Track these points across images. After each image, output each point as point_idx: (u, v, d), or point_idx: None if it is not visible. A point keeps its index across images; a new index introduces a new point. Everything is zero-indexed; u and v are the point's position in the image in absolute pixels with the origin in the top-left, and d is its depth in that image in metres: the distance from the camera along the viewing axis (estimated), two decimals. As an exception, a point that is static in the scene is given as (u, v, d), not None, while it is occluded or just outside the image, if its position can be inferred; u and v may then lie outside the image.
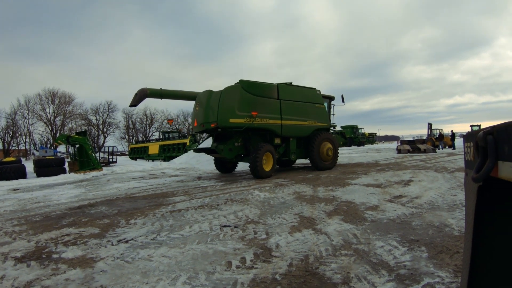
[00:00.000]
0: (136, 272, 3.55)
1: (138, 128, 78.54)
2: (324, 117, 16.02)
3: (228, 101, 12.69)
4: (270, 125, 13.74)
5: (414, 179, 10.52)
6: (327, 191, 8.77)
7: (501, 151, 0.99)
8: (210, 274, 3.43)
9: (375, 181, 10.38)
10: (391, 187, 9.04)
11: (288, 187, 9.78)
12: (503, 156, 0.98)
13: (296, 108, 14.78)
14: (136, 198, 8.63)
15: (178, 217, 6.20)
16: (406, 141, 35.69)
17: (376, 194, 8.06)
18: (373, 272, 3.39)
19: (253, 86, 13.53)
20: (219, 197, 8.34)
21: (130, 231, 5.31)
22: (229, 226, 5.40)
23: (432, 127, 41.78)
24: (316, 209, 6.54)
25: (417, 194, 7.87)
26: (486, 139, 1.05)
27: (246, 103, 13.05)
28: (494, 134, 1.03)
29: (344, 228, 5.07)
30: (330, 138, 15.80)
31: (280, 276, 3.33)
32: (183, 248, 4.31)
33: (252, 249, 4.19)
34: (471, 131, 1.33)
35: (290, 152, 15.06)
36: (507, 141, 0.94)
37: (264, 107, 13.57)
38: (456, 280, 3.16)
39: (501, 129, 0.99)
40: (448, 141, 39.47)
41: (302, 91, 15.37)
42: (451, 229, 4.88)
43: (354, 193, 8.31)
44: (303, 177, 12.31)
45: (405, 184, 9.51)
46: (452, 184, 9.12)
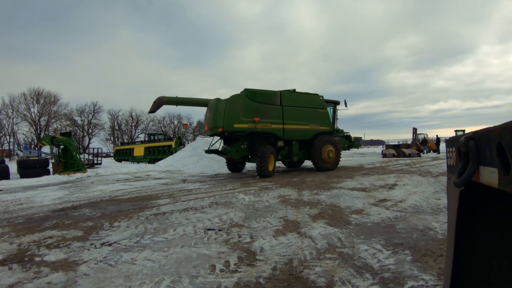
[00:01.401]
0: (119, 276, 3.49)
1: (123, 130, 78.11)
2: (326, 121, 16.98)
3: (233, 108, 14.29)
4: (272, 129, 15.11)
5: (398, 183, 10.60)
6: (312, 194, 8.78)
7: (482, 156, 0.98)
8: (193, 278, 3.39)
9: (360, 185, 10.43)
10: (376, 191, 9.08)
11: (273, 190, 9.78)
12: (485, 161, 0.97)
13: (298, 113, 15.95)
14: (120, 201, 8.54)
15: (162, 220, 6.14)
16: (391, 146, 36.04)
17: (361, 197, 8.09)
18: (357, 275, 3.38)
19: (257, 94, 14.94)
20: (203, 200, 8.29)
21: (113, 234, 5.25)
22: (213, 229, 5.36)
23: (417, 132, 42.20)
24: (301, 212, 6.54)
25: (401, 198, 7.91)
26: (468, 144, 1.05)
27: (249, 110, 14.49)
28: (476, 140, 1.03)
29: (328, 232, 5.06)
30: (331, 141, 16.79)
31: (264, 279, 3.31)
32: (167, 252, 4.26)
33: (236, 253, 4.16)
34: (453, 136, 1.32)
35: (292, 154, 16.22)
36: (489, 147, 0.93)
37: (267, 113, 14.94)
38: (439, 283, 3.16)
39: (482, 134, 0.98)
40: (433, 145, 39.88)
41: (304, 97, 16.51)
42: (435, 233, 4.90)
43: (339, 196, 8.33)
44: (288, 181, 12.33)
45: (390, 188, 9.56)
46: (436, 188, 9.20)
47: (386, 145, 37.90)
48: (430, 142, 40.88)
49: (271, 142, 15.73)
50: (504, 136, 0.82)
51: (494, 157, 0.88)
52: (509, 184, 0.81)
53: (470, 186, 1.13)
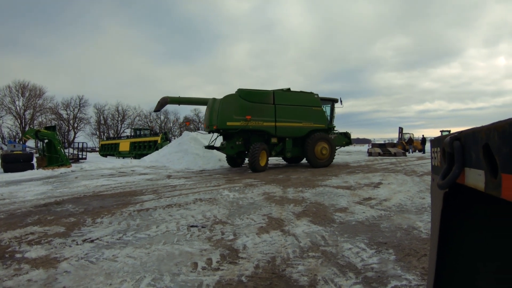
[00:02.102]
0: (100, 273, 3.43)
1: (109, 124, 77.32)
2: (321, 119, 17.57)
3: (226, 107, 15.43)
4: (264, 127, 16.14)
5: (383, 182, 10.64)
6: (297, 192, 8.77)
7: (468, 158, 0.95)
8: (175, 275, 3.34)
9: (345, 183, 10.45)
10: (360, 189, 9.10)
11: (258, 187, 9.76)
12: (470, 163, 0.94)
13: (292, 111, 16.75)
14: (103, 196, 8.45)
15: (146, 216, 6.07)
16: (377, 144, 36.19)
17: (345, 196, 8.10)
18: (340, 274, 3.36)
19: (249, 94, 16.12)
20: (188, 196, 8.24)
21: (95, 230, 5.17)
22: (196, 226, 5.32)
23: (403, 131, 42.50)
24: (285, 210, 6.52)
25: (386, 196, 7.93)
26: (453, 145, 1.01)
27: (242, 109, 15.59)
28: (461, 140, 0.99)
29: (312, 230, 5.05)
30: (325, 138, 17.35)
31: (246, 278, 3.27)
32: (149, 249, 4.21)
33: (218, 250, 4.12)
34: (438, 136, 1.29)
35: (286, 151, 17.04)
36: (475, 148, 0.90)
37: (259, 111, 15.97)
38: (423, 283, 3.16)
39: (468, 134, 0.95)
40: (418, 145, 40.19)
41: (299, 95, 17.29)
42: (419, 232, 4.92)
43: (323, 194, 8.33)
44: (273, 178, 12.33)
45: (375, 187, 9.59)
46: (421, 188, 9.25)
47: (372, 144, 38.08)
48: (415, 141, 41.19)
49: (265, 139, 16.62)
50: (492, 137, 0.79)
51: (481, 159, 0.85)
52: (497, 188, 0.77)
53: (455, 188, 1.10)
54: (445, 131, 43.57)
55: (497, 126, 0.77)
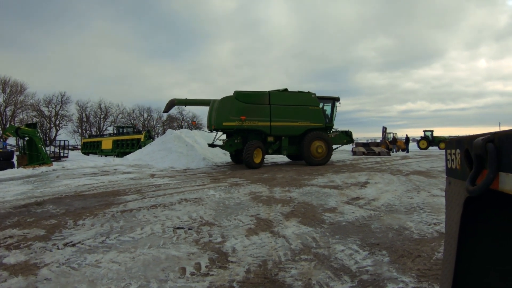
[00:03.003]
0: (83, 280, 3.24)
1: (92, 122, 76.04)
2: (318, 117, 18.01)
3: (223, 108, 16.64)
4: (259, 126, 17.02)
5: (370, 181, 10.62)
6: (284, 192, 8.68)
7: (505, 161, 0.87)
8: (162, 282, 3.18)
9: (331, 183, 10.40)
10: (348, 189, 9.04)
11: (244, 187, 9.64)
12: (509, 167, 0.86)
13: (287, 111, 17.45)
14: (85, 196, 8.22)
15: (129, 217, 5.89)
16: (361, 144, 36.48)
17: (333, 195, 8.03)
18: (335, 278, 3.26)
19: (245, 95, 17.04)
20: (172, 196, 8.07)
21: (77, 233, 4.97)
22: (182, 228, 5.15)
23: (386, 131, 42.90)
24: (273, 210, 6.41)
25: (374, 196, 7.88)
26: (486, 147, 0.93)
27: (237, 110, 16.60)
28: (495, 142, 0.91)
29: (302, 231, 4.95)
30: (322, 137, 17.84)
31: (237, 284, 3.13)
32: (134, 253, 4.03)
33: (207, 254, 3.97)
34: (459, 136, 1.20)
35: (282, 149, 17.88)
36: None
37: (254, 112, 16.89)
38: (419, 285, 3.08)
39: (506, 136, 0.87)
40: (402, 144, 40.55)
41: (295, 95, 17.97)
42: (410, 232, 4.85)
43: (311, 194, 8.25)
44: (259, 177, 12.23)
45: (362, 186, 9.55)
46: (408, 187, 9.23)
47: (356, 143, 38.24)
48: (399, 141, 41.58)
49: (261, 138, 17.50)
50: None
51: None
52: None
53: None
54: (428, 131, 44.38)
55: None
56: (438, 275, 3.28)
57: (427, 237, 4.62)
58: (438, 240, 4.45)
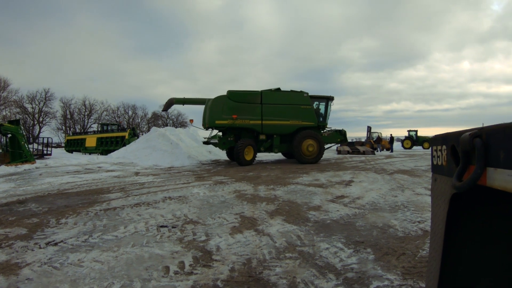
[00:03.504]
0: (65, 280, 3.18)
1: (76, 119, 75.07)
2: (310, 116, 18.37)
3: (215, 108, 17.24)
4: (251, 124, 17.61)
5: (354, 180, 10.66)
6: (268, 190, 8.67)
7: (493, 157, 0.87)
8: (146, 281, 3.13)
9: (316, 181, 10.43)
10: (332, 187, 9.07)
11: (228, 185, 9.62)
12: (497, 163, 0.85)
13: (279, 110, 17.92)
14: (69, 195, 8.10)
15: (113, 216, 5.81)
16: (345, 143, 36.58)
17: (318, 194, 8.04)
18: (320, 276, 3.25)
19: (237, 95, 17.63)
20: (156, 194, 8.01)
21: (60, 232, 4.88)
22: (166, 226, 5.10)
23: (371, 130, 43.22)
24: (258, 208, 6.40)
25: (358, 194, 7.90)
26: (474, 143, 0.93)
27: (229, 109, 17.21)
28: (483, 137, 0.91)
29: (287, 229, 4.93)
30: (313, 135, 18.13)
31: (222, 282, 3.10)
32: (117, 252, 3.97)
33: (191, 252, 3.93)
34: (445, 133, 1.18)
35: (273, 147, 18.47)
36: (505, 146, 0.81)
37: (246, 111, 17.48)
38: (405, 283, 3.09)
39: (494, 131, 0.87)
40: (386, 144, 40.83)
41: (287, 95, 18.38)
42: (395, 230, 4.87)
43: (295, 192, 8.26)
44: (243, 175, 12.23)
45: (346, 185, 9.58)
46: (392, 186, 9.29)
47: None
48: (384, 140, 41.86)
49: (254, 136, 18.16)
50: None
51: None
52: None
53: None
54: (412, 130, 44.90)
55: None
56: (422, 273, 3.29)
57: (412, 235, 4.65)
58: (422, 238, 4.48)
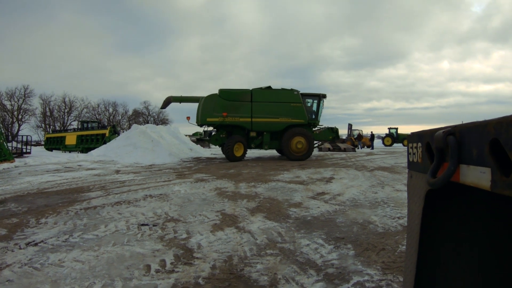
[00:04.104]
0: (46, 281, 3.14)
1: (55, 116, 73.65)
2: (299, 114, 18.66)
3: (207, 105, 18.07)
4: (241, 122, 18.21)
5: (335, 177, 10.75)
6: (249, 187, 8.70)
7: (465, 154, 0.89)
8: (127, 280, 3.12)
9: (297, 178, 10.49)
10: (313, 184, 9.14)
11: (209, 182, 9.61)
12: (469, 160, 0.87)
13: (269, 107, 18.39)
14: (48, 194, 7.99)
15: (93, 215, 5.76)
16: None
17: (298, 191, 8.09)
18: (301, 272, 3.29)
19: (228, 93, 18.38)
20: (137, 192, 7.96)
21: (40, 231, 4.80)
22: (147, 224, 5.08)
23: (352, 128, 43.57)
24: (239, 206, 6.42)
25: (339, 191, 7.98)
26: (447, 140, 0.95)
27: (220, 106, 17.94)
28: (456, 135, 0.93)
29: (268, 226, 4.97)
30: (302, 133, 18.44)
31: (203, 280, 3.11)
32: (98, 251, 3.94)
33: (172, 250, 3.93)
34: (421, 130, 1.21)
35: (263, 144, 18.97)
36: (477, 143, 0.83)
37: (236, 108, 18.10)
38: (384, 278, 3.15)
39: (467, 129, 0.89)
40: (367, 141, 41.25)
41: (277, 93, 18.91)
42: (375, 226, 4.94)
43: (276, 189, 8.30)
44: (224, 173, 12.23)
45: (327, 181, 9.65)
46: (373, 182, 9.40)
47: (322, 139, 38.68)
48: (364, 138, 42.26)
49: (245, 133, 18.74)
50: (505, 132, 0.71)
51: (486, 155, 0.78)
52: (510, 187, 0.70)
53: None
54: (392, 128, 45.49)
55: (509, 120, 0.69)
56: (402, 267, 3.34)
57: (391, 231, 4.72)
58: (402, 234, 4.55)
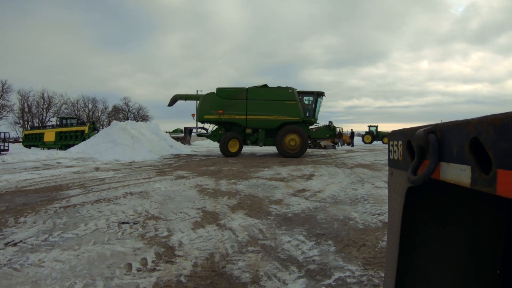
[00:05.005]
0: (26, 282, 3.09)
1: (34, 113, 72.27)
2: (294, 112, 18.99)
3: (204, 103, 19.33)
4: (236, 119, 19.10)
5: (315, 174, 10.83)
6: (230, 184, 8.71)
7: (446, 152, 0.90)
8: (108, 279, 3.09)
9: (277, 175, 10.53)
10: (294, 181, 9.19)
11: (190, 179, 9.59)
12: (450, 158, 0.88)
13: (263, 105, 18.97)
14: (27, 192, 7.84)
15: (73, 213, 5.69)
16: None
17: (279, 188, 8.13)
18: (283, 268, 3.31)
19: (225, 91, 19.34)
20: (117, 190, 7.89)
21: (19, 231, 4.71)
22: (128, 222, 5.05)
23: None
24: (219, 203, 6.42)
25: (319, 188, 8.04)
26: (428, 138, 0.96)
27: (217, 104, 18.99)
28: (437, 133, 0.94)
29: (249, 223, 4.99)
30: (295, 130, 18.68)
31: (185, 278, 3.11)
32: (78, 250, 3.89)
33: (153, 249, 3.91)
34: (402, 128, 1.23)
35: (258, 140, 19.55)
36: (457, 141, 0.85)
37: (232, 106, 19.00)
38: (365, 273, 3.20)
39: (447, 127, 0.90)
40: (347, 139, 41.56)
41: (272, 91, 19.53)
42: (355, 222, 5.01)
43: (257, 186, 8.33)
44: (205, 170, 12.21)
45: (308, 178, 9.72)
46: (353, 179, 9.49)
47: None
48: (344, 135, 42.52)
49: (241, 130, 19.49)
50: (485, 131, 0.72)
51: (467, 153, 0.79)
52: (489, 184, 0.71)
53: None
54: (372, 126, 46.10)
55: (494, 119, 0.70)
56: (382, 263, 3.40)
57: (372, 227, 4.79)
58: (382, 230, 4.62)
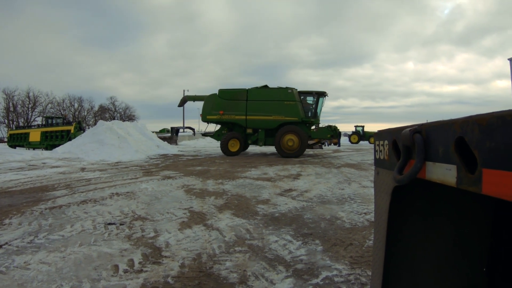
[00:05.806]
0: (12, 285, 3.04)
1: (19, 112, 71.29)
2: (293, 112, 18.99)
3: (207, 104, 20.10)
4: (236, 119, 19.54)
5: (302, 173, 10.87)
6: (217, 184, 8.70)
7: (431, 151, 0.92)
8: (95, 281, 3.07)
9: (264, 175, 10.54)
10: (281, 181, 9.21)
11: (177, 179, 9.57)
12: (435, 157, 0.90)
13: (263, 106, 19.21)
14: (12, 193, 7.75)
15: (59, 214, 5.63)
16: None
17: (266, 187, 8.15)
18: (270, 268, 3.33)
19: (226, 93, 19.90)
20: (103, 190, 7.83)
21: (4, 233, 4.64)
22: (114, 223, 5.02)
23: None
24: (206, 203, 6.42)
25: (306, 188, 8.08)
26: (414, 138, 0.97)
27: (218, 105, 19.60)
28: (423, 133, 0.96)
29: (236, 223, 4.99)
30: (294, 130, 18.60)
31: (172, 279, 3.10)
32: (64, 252, 3.86)
33: (140, 250, 3.90)
34: (388, 128, 1.25)
35: (258, 140, 19.82)
36: (443, 141, 0.86)
37: (232, 107, 19.46)
38: (353, 272, 3.22)
39: (433, 127, 0.92)
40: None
41: (271, 92, 19.71)
42: (342, 222, 5.03)
43: (244, 186, 8.34)
44: (192, 170, 12.18)
45: (295, 178, 9.75)
46: (340, 179, 9.54)
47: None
48: (331, 135, 42.74)
49: (242, 130, 19.87)
50: (470, 131, 0.75)
51: (452, 153, 0.81)
52: (475, 184, 0.74)
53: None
54: (359, 126, 46.57)
55: (479, 119, 0.72)
56: (370, 262, 3.42)
57: (358, 226, 4.82)
58: (369, 229, 4.65)
